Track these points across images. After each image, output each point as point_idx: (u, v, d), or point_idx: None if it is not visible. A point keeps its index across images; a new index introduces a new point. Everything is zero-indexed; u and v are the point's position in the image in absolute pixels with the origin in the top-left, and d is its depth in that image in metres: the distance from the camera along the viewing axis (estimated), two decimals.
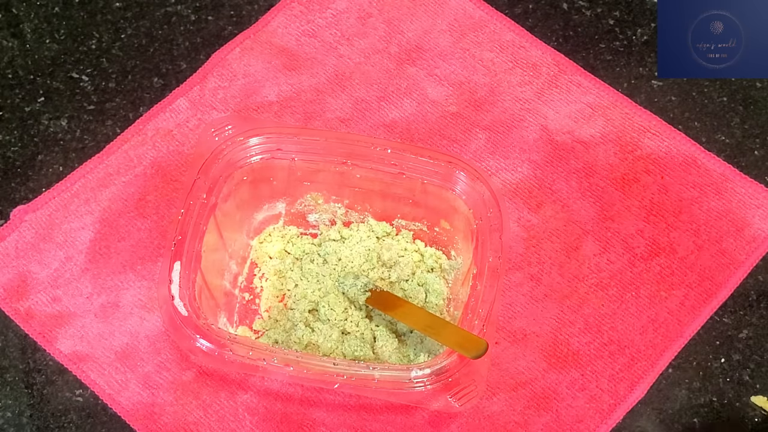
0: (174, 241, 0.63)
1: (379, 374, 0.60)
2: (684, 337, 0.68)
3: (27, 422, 0.65)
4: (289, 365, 0.60)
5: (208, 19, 0.79)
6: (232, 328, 0.67)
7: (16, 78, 0.76)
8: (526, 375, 0.66)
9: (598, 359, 0.67)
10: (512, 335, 0.67)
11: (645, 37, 0.78)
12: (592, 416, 0.65)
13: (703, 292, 0.69)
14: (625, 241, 0.70)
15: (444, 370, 0.60)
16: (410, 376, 0.60)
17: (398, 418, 0.65)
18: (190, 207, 0.64)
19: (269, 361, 0.60)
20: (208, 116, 0.74)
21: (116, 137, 0.74)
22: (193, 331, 0.61)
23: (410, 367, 0.60)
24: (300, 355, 0.61)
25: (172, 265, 0.62)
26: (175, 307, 0.61)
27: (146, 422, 0.65)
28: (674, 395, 0.66)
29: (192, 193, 0.64)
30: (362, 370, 0.60)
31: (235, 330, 0.67)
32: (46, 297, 0.68)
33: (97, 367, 0.66)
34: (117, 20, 0.78)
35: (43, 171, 0.73)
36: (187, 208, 0.64)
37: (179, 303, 0.61)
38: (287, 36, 0.78)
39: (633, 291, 0.69)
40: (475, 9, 0.79)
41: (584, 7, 0.79)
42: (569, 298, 0.69)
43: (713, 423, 0.65)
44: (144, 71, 0.76)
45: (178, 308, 0.61)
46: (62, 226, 0.70)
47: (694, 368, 0.67)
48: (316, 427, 0.65)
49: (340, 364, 0.60)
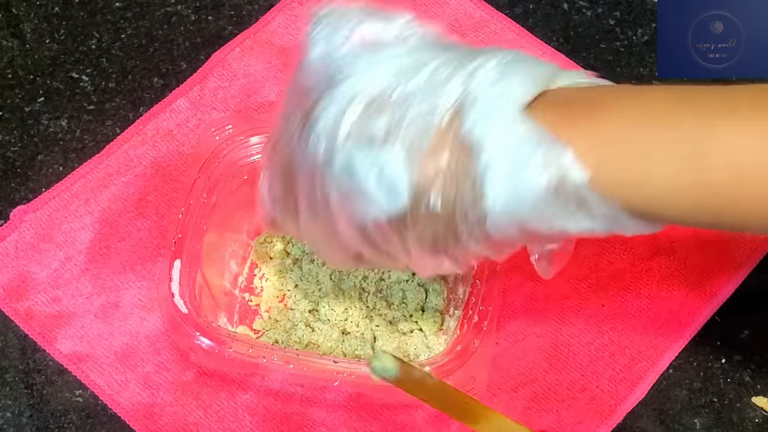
0: (174, 240, 0.63)
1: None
2: (684, 338, 0.68)
3: (27, 422, 0.65)
4: (289, 363, 0.60)
5: (208, 19, 0.79)
6: (232, 328, 0.67)
7: (15, 78, 0.76)
8: (526, 375, 0.66)
9: (598, 360, 0.67)
10: (512, 335, 0.67)
11: (646, 38, 0.77)
12: (592, 417, 0.65)
13: (703, 292, 0.69)
14: (625, 241, 0.70)
15: (444, 369, 0.60)
16: None
17: (398, 418, 0.65)
18: (191, 206, 0.64)
19: (269, 358, 0.60)
20: (208, 116, 0.74)
21: (116, 137, 0.74)
22: (192, 328, 0.61)
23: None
24: (300, 353, 0.61)
25: (172, 263, 0.62)
26: (175, 305, 0.61)
27: (146, 422, 0.65)
28: (675, 396, 0.66)
29: (192, 193, 0.64)
30: (362, 368, 0.60)
31: (235, 329, 0.67)
32: (45, 297, 0.68)
33: (97, 367, 0.66)
34: (117, 20, 0.78)
35: (43, 171, 0.73)
36: (187, 208, 0.64)
37: (179, 300, 0.61)
38: (287, 36, 0.78)
39: (633, 291, 0.69)
40: (475, 9, 0.79)
41: (585, 8, 0.79)
42: (569, 298, 0.69)
43: (714, 423, 0.65)
44: (144, 71, 0.76)
45: (178, 306, 0.61)
46: (62, 226, 0.70)
47: (694, 369, 0.67)
48: (316, 428, 0.65)
49: (339, 362, 0.60)
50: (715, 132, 0.44)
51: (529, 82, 0.46)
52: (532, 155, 0.45)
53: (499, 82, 0.46)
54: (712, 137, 0.44)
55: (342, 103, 0.48)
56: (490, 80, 0.46)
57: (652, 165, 0.44)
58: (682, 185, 0.44)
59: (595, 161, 0.45)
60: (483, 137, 0.45)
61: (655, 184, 0.44)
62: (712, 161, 0.44)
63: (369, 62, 0.49)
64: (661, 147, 0.44)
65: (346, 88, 0.48)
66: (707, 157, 0.44)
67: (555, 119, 0.46)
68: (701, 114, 0.44)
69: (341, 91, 0.48)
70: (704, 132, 0.44)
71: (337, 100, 0.48)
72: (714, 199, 0.45)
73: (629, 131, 0.45)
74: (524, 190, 0.45)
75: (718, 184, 0.44)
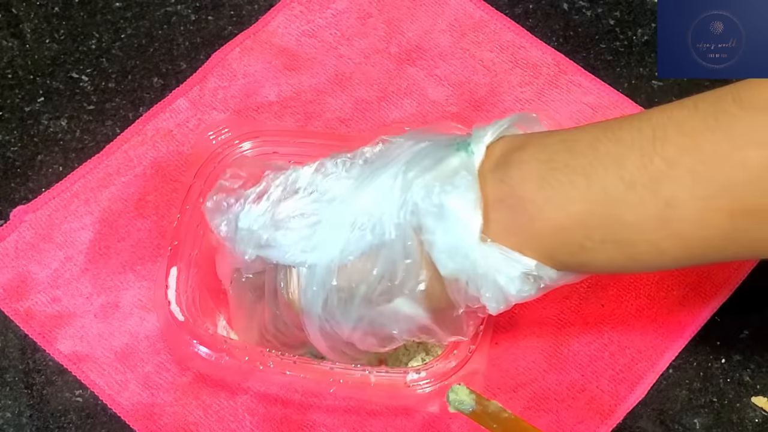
0: (170, 247, 0.63)
1: (375, 378, 0.60)
2: (684, 338, 0.67)
3: (26, 422, 0.65)
4: (286, 370, 0.60)
5: (208, 19, 0.79)
6: (233, 331, 0.67)
7: (15, 78, 0.76)
8: (526, 375, 0.66)
9: (598, 360, 0.67)
10: (512, 336, 0.67)
11: (645, 37, 0.77)
12: (592, 417, 0.65)
13: (703, 292, 0.69)
14: None
15: (440, 373, 0.60)
16: (406, 379, 0.60)
17: (398, 419, 0.65)
18: (186, 212, 0.64)
19: (265, 365, 0.60)
20: (208, 116, 0.74)
21: (116, 137, 0.74)
22: (189, 336, 0.61)
23: (407, 371, 0.60)
24: (296, 360, 0.61)
25: (168, 270, 0.62)
26: (172, 313, 0.61)
27: (146, 422, 0.65)
28: (674, 396, 0.66)
29: (188, 198, 0.64)
30: (358, 374, 0.60)
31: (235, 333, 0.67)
32: (45, 297, 0.68)
33: (97, 367, 0.66)
34: (117, 20, 0.78)
35: (43, 171, 0.73)
36: (183, 213, 0.64)
37: (176, 308, 0.62)
38: (287, 36, 0.78)
39: (633, 291, 0.69)
40: (475, 9, 0.79)
41: (585, 8, 0.79)
42: (569, 298, 0.69)
43: (714, 423, 0.65)
44: (144, 71, 0.76)
45: (174, 313, 0.61)
46: (62, 226, 0.70)
47: (694, 369, 0.67)
48: (316, 428, 0.65)
49: (336, 368, 0.60)
50: (622, 215, 0.50)
51: (469, 207, 0.52)
52: (511, 274, 0.53)
53: (446, 222, 0.52)
54: (621, 220, 0.50)
55: (325, 290, 0.55)
56: (437, 223, 0.53)
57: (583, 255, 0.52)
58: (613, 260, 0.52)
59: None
60: (463, 276, 0.53)
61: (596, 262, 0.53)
62: (625, 240, 0.50)
63: (315, 241, 0.55)
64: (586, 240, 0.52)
65: (317, 278, 0.56)
66: (620, 235, 0.51)
67: (504, 234, 0.52)
68: (606, 187, 0.50)
69: (315, 282, 0.56)
70: (613, 213, 0.50)
71: (316, 294, 0.56)
72: (636, 263, 0.52)
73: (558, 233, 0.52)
74: (516, 296, 0.54)
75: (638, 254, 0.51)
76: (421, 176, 0.54)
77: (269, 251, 0.57)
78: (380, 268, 0.54)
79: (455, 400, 0.56)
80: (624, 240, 0.50)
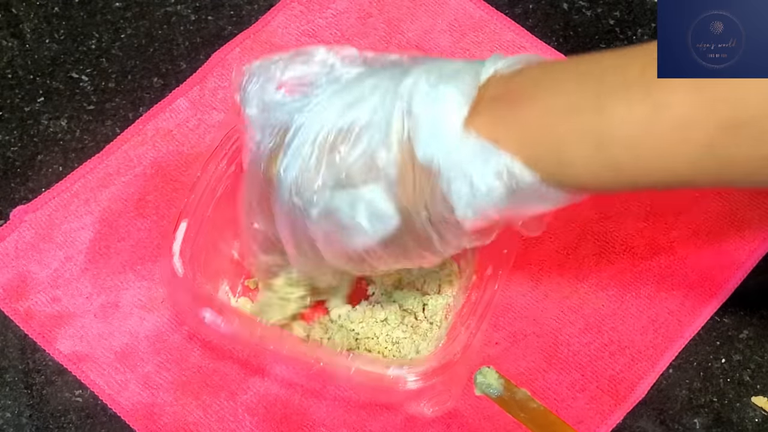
0: (186, 199, 0.63)
1: (355, 366, 0.59)
2: (684, 338, 0.68)
3: (26, 422, 0.65)
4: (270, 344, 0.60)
5: (208, 19, 0.79)
6: (234, 298, 0.67)
7: (15, 78, 0.76)
8: (526, 375, 0.66)
9: (598, 360, 0.67)
10: (512, 336, 0.67)
11: (645, 37, 0.78)
12: (592, 417, 0.65)
13: (703, 292, 0.69)
14: (624, 241, 0.70)
15: (423, 372, 0.58)
16: (387, 372, 0.59)
17: (398, 419, 0.65)
18: (207, 170, 0.63)
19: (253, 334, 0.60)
20: (208, 116, 0.74)
21: (116, 137, 0.74)
22: (185, 291, 0.61)
23: (390, 363, 0.60)
24: (284, 334, 0.60)
25: (178, 222, 0.62)
26: (173, 265, 0.61)
27: (146, 422, 0.65)
28: (674, 396, 0.66)
29: (212, 159, 0.63)
30: (341, 360, 0.59)
31: (236, 300, 0.67)
32: (45, 297, 0.68)
33: (97, 367, 0.66)
34: (117, 20, 0.78)
35: (43, 171, 0.73)
36: (204, 170, 0.63)
37: (178, 261, 0.61)
38: (287, 36, 0.78)
39: (633, 291, 0.69)
40: (475, 9, 0.79)
41: (585, 8, 0.79)
42: (569, 298, 0.69)
43: (713, 423, 0.65)
44: (144, 71, 0.76)
45: (175, 266, 0.61)
46: (62, 226, 0.70)
47: (694, 368, 0.67)
48: (316, 428, 0.65)
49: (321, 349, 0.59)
50: (608, 110, 0.49)
51: (460, 97, 0.52)
52: (484, 169, 0.51)
53: (435, 105, 0.52)
54: (607, 116, 0.49)
55: (304, 154, 0.54)
56: (426, 105, 0.52)
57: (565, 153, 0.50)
58: (591, 164, 0.50)
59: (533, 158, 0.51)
60: (437, 161, 0.52)
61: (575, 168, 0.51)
62: (607, 139, 0.49)
63: (311, 105, 0.55)
64: (569, 134, 0.50)
65: (300, 139, 0.54)
66: (604, 135, 0.49)
67: (490, 125, 0.52)
68: (598, 92, 0.49)
69: (297, 143, 0.55)
70: (600, 113, 0.49)
71: (296, 152, 0.55)
72: (617, 173, 0.50)
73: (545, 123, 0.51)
74: (486, 198, 0.52)
75: (618, 158, 0.49)
76: (425, 73, 0.54)
77: (270, 110, 0.57)
78: (363, 146, 0.53)
79: (482, 383, 0.54)
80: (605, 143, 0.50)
